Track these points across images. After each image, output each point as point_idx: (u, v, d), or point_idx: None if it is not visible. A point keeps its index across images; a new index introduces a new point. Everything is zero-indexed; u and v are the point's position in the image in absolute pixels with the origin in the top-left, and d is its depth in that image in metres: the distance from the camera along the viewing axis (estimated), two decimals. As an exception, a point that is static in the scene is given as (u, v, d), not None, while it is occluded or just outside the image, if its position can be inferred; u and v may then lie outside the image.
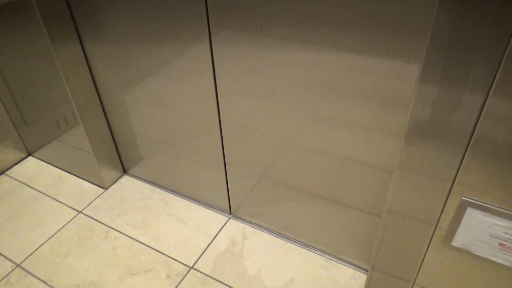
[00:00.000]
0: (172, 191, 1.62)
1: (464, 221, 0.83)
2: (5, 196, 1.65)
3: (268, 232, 1.41)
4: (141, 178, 1.69)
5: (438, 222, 0.88)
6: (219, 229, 1.44)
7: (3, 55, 1.45)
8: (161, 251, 1.37)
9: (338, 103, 0.99)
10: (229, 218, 1.48)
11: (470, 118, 0.74)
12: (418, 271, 0.99)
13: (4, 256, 1.38)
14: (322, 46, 0.92)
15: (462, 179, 0.80)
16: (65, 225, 1.49)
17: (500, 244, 0.81)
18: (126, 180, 1.70)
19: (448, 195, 0.83)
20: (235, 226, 1.45)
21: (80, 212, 1.55)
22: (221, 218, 1.48)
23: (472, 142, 0.75)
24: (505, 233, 0.79)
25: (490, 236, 0.81)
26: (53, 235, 1.45)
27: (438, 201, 0.86)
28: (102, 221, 1.50)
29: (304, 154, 1.14)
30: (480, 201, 0.79)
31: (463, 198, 0.80)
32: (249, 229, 1.43)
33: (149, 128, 1.46)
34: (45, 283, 1.28)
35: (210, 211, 1.52)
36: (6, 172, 1.78)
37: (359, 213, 1.16)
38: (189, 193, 1.57)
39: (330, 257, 1.31)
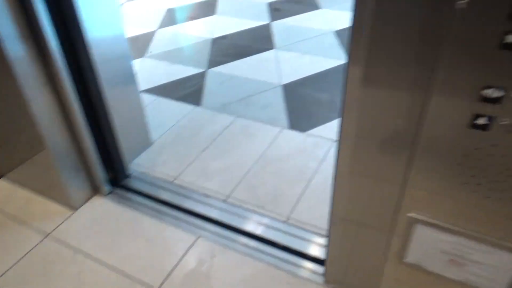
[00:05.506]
0: (141, 211, 1.59)
1: (415, 237, 0.82)
2: (-30, 222, 1.61)
3: (234, 251, 1.39)
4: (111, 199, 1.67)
5: (391, 240, 0.87)
6: (187, 248, 1.41)
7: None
8: (129, 273, 1.34)
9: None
10: (198, 237, 1.46)
11: (411, 124, 0.73)
12: (378, 288, 0.98)
13: (-34, 286, 1.35)
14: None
15: (409, 196, 0.79)
16: (30, 250, 1.46)
17: (450, 260, 0.80)
18: (96, 200, 1.67)
19: (397, 213, 0.82)
20: (203, 245, 1.42)
21: (47, 235, 1.52)
22: (189, 237, 1.46)
23: (417, 153, 0.75)
24: (454, 248, 0.78)
25: (441, 252, 0.81)
26: (18, 261, 1.42)
27: (387, 219, 0.85)
28: (70, 243, 1.47)
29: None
30: (428, 218, 0.79)
31: (409, 215, 0.79)
32: (217, 248, 1.41)
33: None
34: (7, 312, 1.25)
35: (179, 230, 1.49)
36: (-27, 197, 1.74)
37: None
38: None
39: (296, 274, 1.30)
